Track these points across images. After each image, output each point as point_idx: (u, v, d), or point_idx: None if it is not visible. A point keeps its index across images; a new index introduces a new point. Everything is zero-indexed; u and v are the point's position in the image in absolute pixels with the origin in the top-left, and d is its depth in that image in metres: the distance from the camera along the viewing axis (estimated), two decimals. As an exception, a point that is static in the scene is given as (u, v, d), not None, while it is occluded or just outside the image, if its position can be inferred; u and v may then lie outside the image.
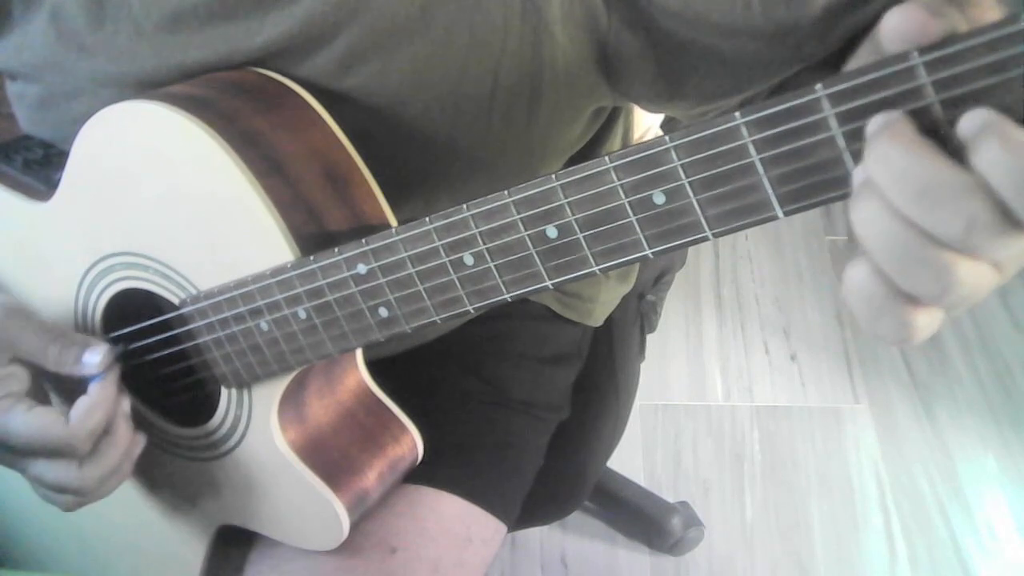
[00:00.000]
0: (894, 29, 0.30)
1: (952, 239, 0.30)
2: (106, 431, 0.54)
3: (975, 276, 0.30)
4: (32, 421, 0.52)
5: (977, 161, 0.29)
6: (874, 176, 0.31)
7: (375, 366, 0.60)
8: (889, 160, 0.30)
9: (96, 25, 0.53)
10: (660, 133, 0.83)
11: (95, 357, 0.54)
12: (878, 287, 0.32)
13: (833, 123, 0.32)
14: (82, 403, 0.52)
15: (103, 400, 0.53)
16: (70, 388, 0.56)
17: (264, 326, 0.51)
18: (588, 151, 0.64)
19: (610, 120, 0.65)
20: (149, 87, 0.53)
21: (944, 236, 0.30)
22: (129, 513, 0.66)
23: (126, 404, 0.55)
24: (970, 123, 0.29)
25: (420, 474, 0.64)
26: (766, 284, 1.75)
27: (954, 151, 0.30)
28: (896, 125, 0.30)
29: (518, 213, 0.41)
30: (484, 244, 0.42)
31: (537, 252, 0.41)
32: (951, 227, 0.29)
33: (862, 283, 0.32)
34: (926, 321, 0.32)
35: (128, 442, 0.55)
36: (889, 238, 0.31)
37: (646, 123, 0.81)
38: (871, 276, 0.32)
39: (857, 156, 0.32)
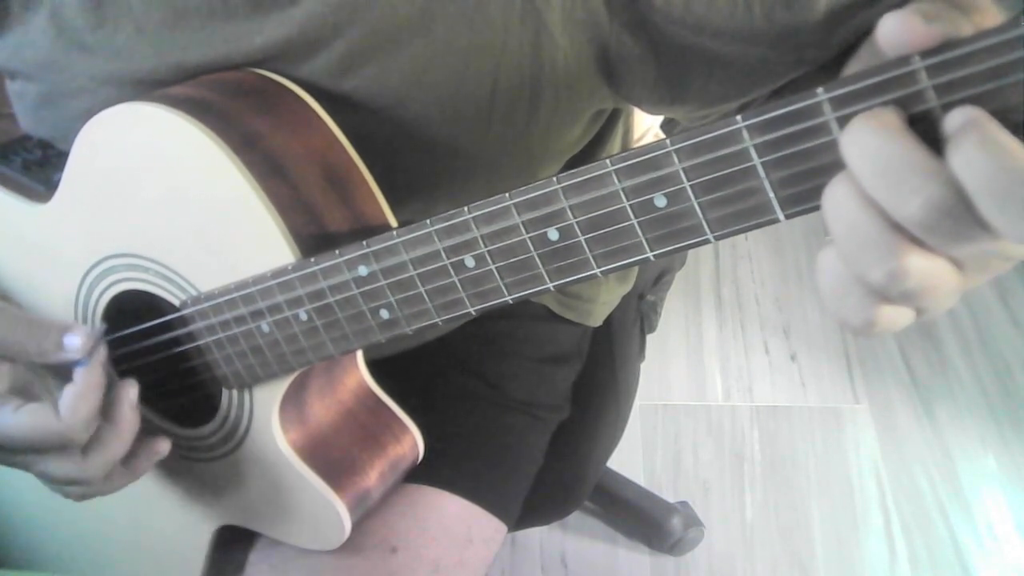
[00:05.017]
0: (889, 34, 0.30)
1: (908, 220, 0.29)
2: (107, 418, 0.53)
3: (927, 269, 0.30)
4: (22, 420, 0.51)
5: (951, 155, 0.28)
6: (845, 156, 0.31)
7: (375, 366, 0.60)
8: (862, 140, 0.30)
9: (96, 23, 0.53)
10: (660, 134, 0.83)
11: (75, 340, 0.52)
12: (842, 272, 0.32)
13: (834, 127, 0.32)
14: (68, 393, 0.51)
15: (91, 386, 0.51)
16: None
17: (265, 328, 0.51)
18: (588, 152, 0.64)
19: (610, 121, 0.65)
20: (149, 86, 0.53)
21: (901, 216, 0.29)
22: (130, 513, 0.67)
23: (132, 392, 0.54)
24: (954, 119, 0.29)
25: (421, 474, 0.64)
26: (766, 284, 1.75)
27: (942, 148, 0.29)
28: (876, 110, 0.30)
29: (519, 216, 0.41)
30: (485, 246, 0.42)
31: (539, 254, 0.41)
32: (909, 206, 0.29)
33: (828, 267, 0.33)
34: (889, 313, 0.32)
35: (131, 430, 0.54)
36: (850, 217, 0.31)
37: (646, 124, 0.81)
38: (836, 260, 0.32)
39: None
